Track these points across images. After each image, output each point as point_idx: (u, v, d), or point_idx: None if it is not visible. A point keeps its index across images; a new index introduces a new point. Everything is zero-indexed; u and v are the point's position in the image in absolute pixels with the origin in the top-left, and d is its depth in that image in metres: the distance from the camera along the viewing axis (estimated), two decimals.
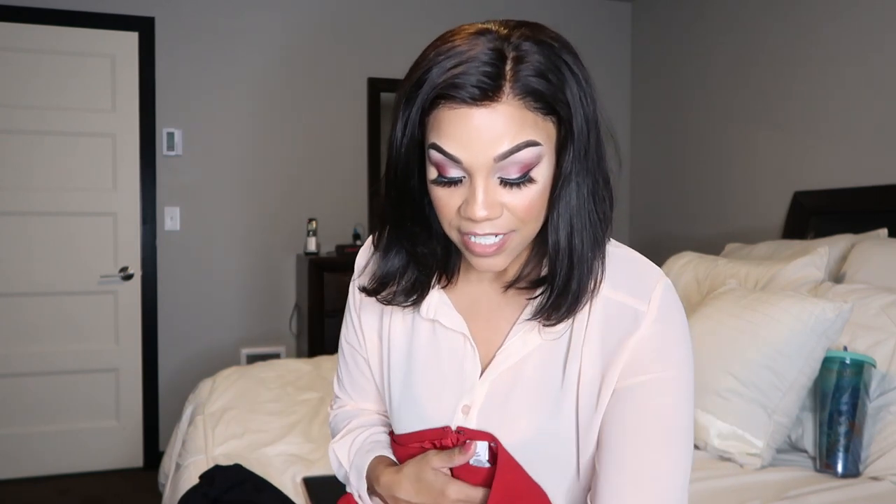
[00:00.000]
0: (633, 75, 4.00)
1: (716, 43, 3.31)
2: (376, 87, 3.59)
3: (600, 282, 0.74)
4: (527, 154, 0.66)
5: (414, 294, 0.81)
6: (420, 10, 3.66)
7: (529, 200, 0.69)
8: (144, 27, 3.26)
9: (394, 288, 0.81)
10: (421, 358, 0.83)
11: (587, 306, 0.75)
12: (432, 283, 0.82)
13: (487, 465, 0.77)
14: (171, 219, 3.35)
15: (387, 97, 3.62)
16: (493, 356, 0.79)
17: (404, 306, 0.82)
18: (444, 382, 0.81)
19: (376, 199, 0.79)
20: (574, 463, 0.77)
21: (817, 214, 2.70)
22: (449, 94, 0.65)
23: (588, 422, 0.75)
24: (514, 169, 0.67)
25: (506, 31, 0.67)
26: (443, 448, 0.79)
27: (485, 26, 0.68)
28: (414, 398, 0.82)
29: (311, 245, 3.33)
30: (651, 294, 0.74)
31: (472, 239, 0.70)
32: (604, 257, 0.74)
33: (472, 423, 0.78)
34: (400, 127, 0.70)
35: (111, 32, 3.23)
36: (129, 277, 3.27)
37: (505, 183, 0.68)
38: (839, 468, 1.56)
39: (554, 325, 0.75)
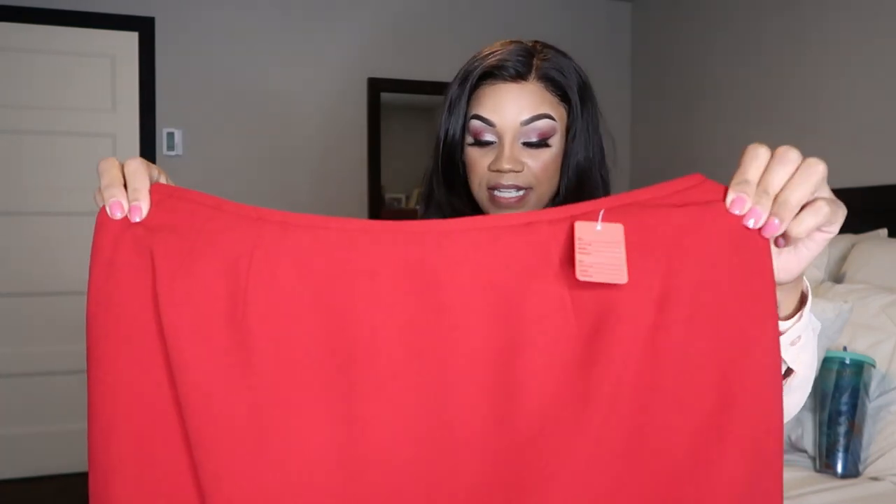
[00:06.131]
0: (633, 75, 4.00)
1: (716, 43, 3.31)
2: (376, 87, 3.59)
3: None
4: (544, 124, 0.88)
5: None
6: (420, 10, 3.66)
7: (545, 161, 0.89)
8: (144, 27, 3.26)
9: None
10: None
11: None
12: None
13: None
14: None
15: (387, 97, 3.61)
16: None
17: None
18: None
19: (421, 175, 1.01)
20: None
21: None
22: (491, 73, 0.88)
23: None
24: (534, 134, 0.88)
25: (532, 44, 0.92)
26: None
27: (516, 40, 0.92)
28: None
29: None
30: None
31: (497, 192, 0.89)
32: None
33: None
34: (449, 106, 0.91)
35: (111, 32, 3.22)
36: None
37: (527, 145, 0.88)
38: (839, 468, 1.56)
39: None
